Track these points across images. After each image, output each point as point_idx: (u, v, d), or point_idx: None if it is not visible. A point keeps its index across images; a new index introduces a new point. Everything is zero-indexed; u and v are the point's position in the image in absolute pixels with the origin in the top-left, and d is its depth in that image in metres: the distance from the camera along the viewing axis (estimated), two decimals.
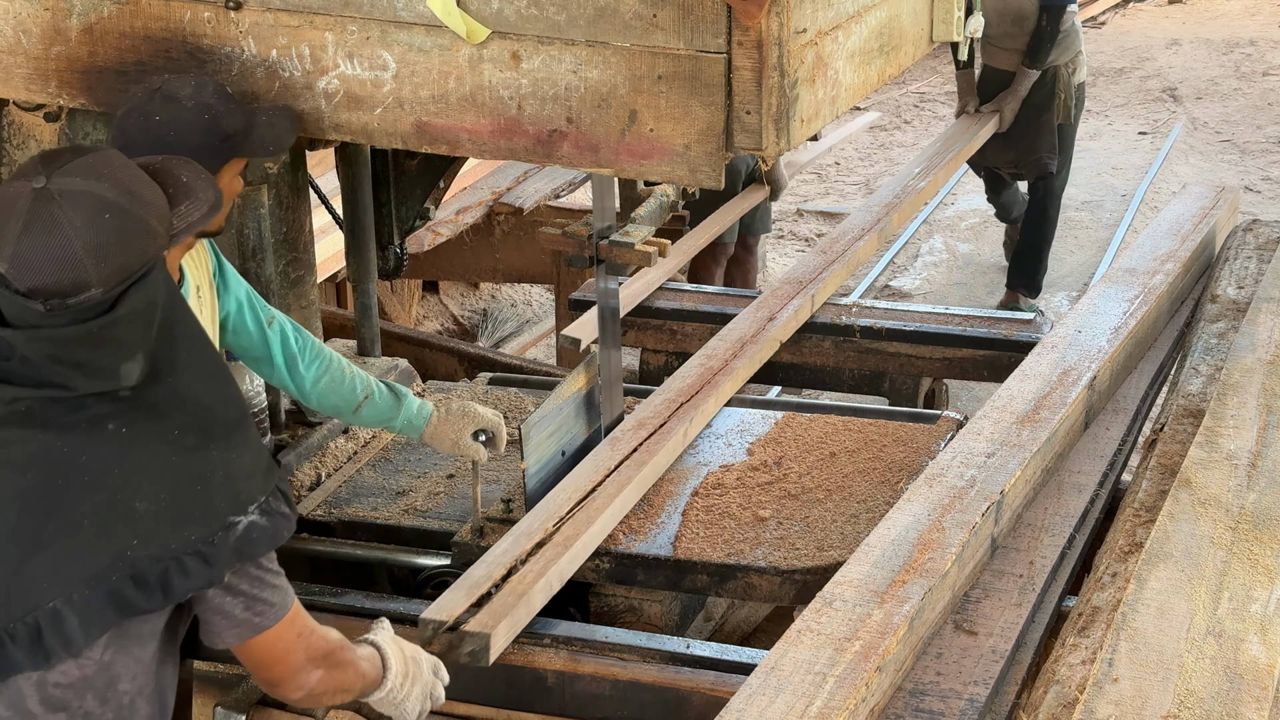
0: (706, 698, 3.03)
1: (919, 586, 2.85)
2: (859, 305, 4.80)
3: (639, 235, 3.65)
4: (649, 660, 3.14)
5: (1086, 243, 8.63)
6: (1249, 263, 4.35)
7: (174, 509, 2.21)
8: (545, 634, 3.22)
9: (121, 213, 2.20)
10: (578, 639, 3.21)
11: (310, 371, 3.39)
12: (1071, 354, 3.79)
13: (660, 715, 3.10)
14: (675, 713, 3.08)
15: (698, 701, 3.04)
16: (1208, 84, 11.62)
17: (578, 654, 3.17)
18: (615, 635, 3.24)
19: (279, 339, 3.36)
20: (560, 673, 3.14)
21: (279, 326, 3.37)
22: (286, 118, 3.14)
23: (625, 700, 3.11)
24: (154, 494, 2.20)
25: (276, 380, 3.42)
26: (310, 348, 3.41)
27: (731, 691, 2.64)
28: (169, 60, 3.24)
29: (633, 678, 3.11)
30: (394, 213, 4.20)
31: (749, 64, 2.79)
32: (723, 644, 3.22)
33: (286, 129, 3.13)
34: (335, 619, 3.28)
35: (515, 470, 3.75)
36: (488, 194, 6.40)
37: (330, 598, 3.38)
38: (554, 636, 3.21)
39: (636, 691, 3.10)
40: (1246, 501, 3.13)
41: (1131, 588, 2.84)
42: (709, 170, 2.89)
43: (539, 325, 7.83)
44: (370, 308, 4.31)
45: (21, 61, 3.35)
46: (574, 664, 3.15)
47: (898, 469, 3.76)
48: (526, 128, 3.01)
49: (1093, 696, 2.55)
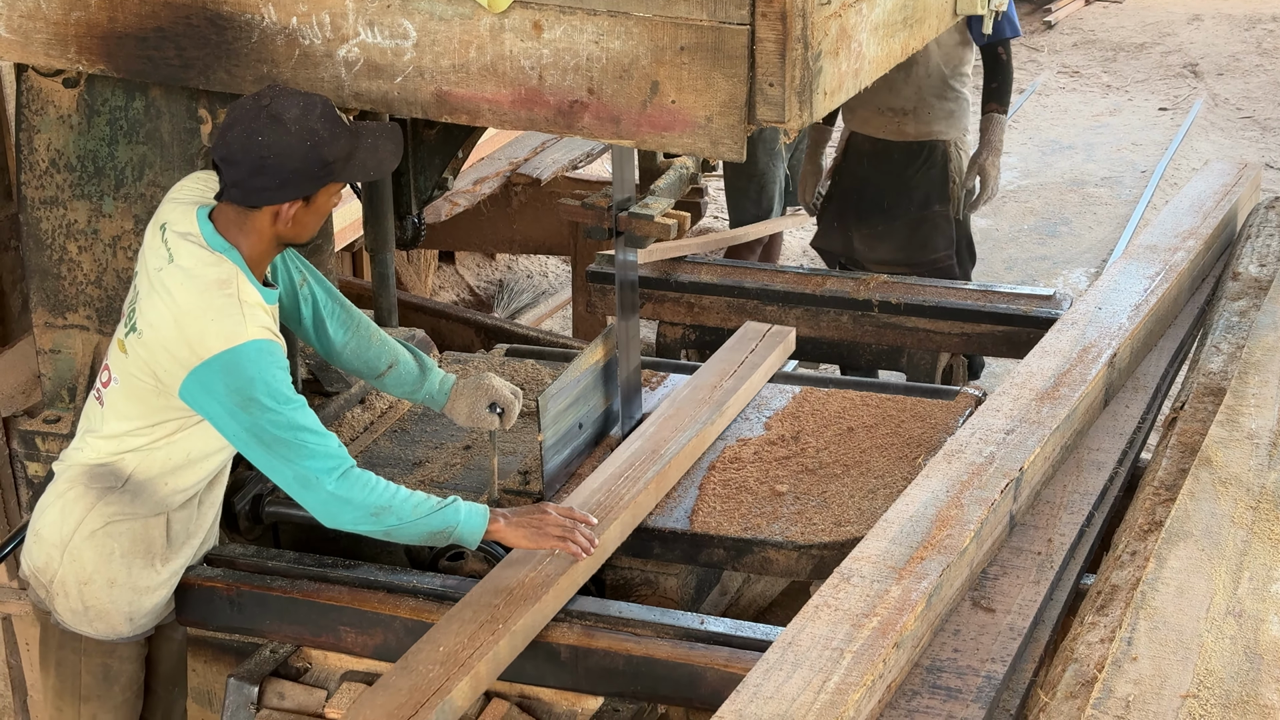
0: (720, 674, 3.02)
1: (937, 563, 2.84)
2: (877, 279, 4.78)
3: (658, 207, 3.64)
4: (663, 636, 3.14)
5: (1106, 219, 8.60)
6: (1271, 240, 4.32)
7: None
8: (559, 608, 3.21)
9: None
10: (591, 613, 3.20)
11: (337, 335, 3.43)
12: (1092, 331, 3.77)
13: (674, 691, 3.10)
14: (689, 688, 3.08)
15: (711, 677, 3.04)
16: (1229, 60, 11.56)
17: (591, 629, 3.17)
18: (629, 610, 3.23)
19: (310, 301, 3.38)
20: (574, 647, 3.14)
21: (310, 289, 3.39)
22: (392, 140, 3.13)
23: (639, 676, 3.11)
24: None
25: (303, 337, 3.47)
26: (339, 312, 3.45)
27: (746, 668, 2.63)
28: (189, 27, 3.22)
29: (646, 653, 3.10)
30: (412, 182, 4.19)
31: (772, 36, 2.77)
32: (737, 620, 3.22)
33: (390, 153, 3.12)
34: (350, 591, 3.29)
35: (533, 442, 3.74)
36: (505, 164, 6.37)
37: (344, 570, 3.38)
38: (567, 611, 3.21)
39: (650, 667, 3.09)
40: (1268, 481, 3.12)
41: (1151, 566, 2.83)
42: (731, 142, 2.87)
43: (555, 297, 7.81)
44: (387, 277, 4.30)
45: (41, 27, 3.33)
46: (588, 639, 3.15)
47: (916, 445, 3.74)
48: (547, 98, 2.99)
49: (1111, 675, 2.54)
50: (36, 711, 4.23)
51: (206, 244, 3.07)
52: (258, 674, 3.29)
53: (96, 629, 3.29)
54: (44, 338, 3.69)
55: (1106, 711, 2.46)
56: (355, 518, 3.05)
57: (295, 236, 3.12)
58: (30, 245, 3.65)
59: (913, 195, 5.34)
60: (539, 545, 3.17)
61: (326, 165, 3.01)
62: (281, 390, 3.01)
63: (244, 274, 3.07)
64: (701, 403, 3.84)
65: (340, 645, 3.33)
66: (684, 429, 3.72)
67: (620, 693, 3.16)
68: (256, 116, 2.99)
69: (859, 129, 5.38)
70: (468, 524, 3.13)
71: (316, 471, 3.01)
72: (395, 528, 3.08)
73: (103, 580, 3.25)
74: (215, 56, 3.23)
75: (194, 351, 3.00)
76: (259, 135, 2.97)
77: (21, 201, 3.64)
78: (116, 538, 3.23)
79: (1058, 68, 11.61)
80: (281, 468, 3.02)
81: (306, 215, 3.09)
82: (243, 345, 2.98)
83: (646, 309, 4.88)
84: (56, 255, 3.63)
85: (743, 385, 3.94)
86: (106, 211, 3.56)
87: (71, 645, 3.32)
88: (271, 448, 3.01)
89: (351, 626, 3.29)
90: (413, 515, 3.08)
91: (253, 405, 2.98)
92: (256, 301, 3.06)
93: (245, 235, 3.08)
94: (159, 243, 3.11)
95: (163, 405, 3.11)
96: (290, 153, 2.97)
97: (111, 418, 3.19)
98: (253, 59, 3.19)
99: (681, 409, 3.81)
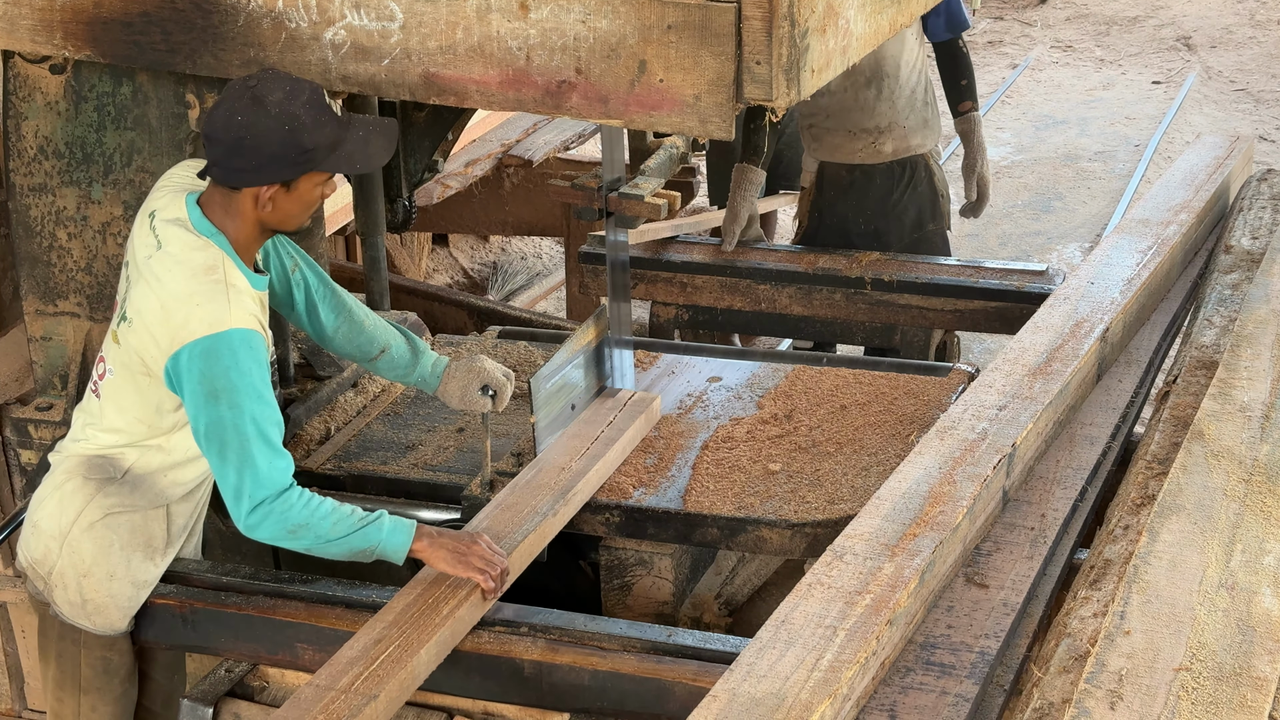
0: (689, 688, 2.94)
1: (930, 540, 2.84)
2: (869, 257, 4.77)
3: (648, 187, 3.63)
4: (629, 650, 3.05)
5: (1099, 193, 8.59)
6: (1263, 213, 4.31)
7: None
8: (522, 623, 3.12)
9: None
10: (555, 627, 3.11)
11: (329, 320, 3.43)
12: (1084, 306, 3.76)
13: (641, 706, 3.01)
14: (656, 703, 2.99)
15: (680, 692, 2.96)
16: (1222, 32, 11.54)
17: (555, 643, 3.08)
18: (594, 624, 3.12)
19: (301, 286, 3.38)
20: (538, 662, 3.05)
21: (301, 274, 3.38)
22: (384, 135, 3.09)
23: (605, 691, 3.02)
24: None
25: (295, 322, 3.46)
26: (331, 296, 3.44)
27: (714, 681, 2.53)
28: (175, 11, 3.21)
29: (612, 668, 3.02)
30: (402, 165, 4.18)
31: (759, 13, 2.76)
32: (705, 632, 3.13)
33: (381, 148, 3.09)
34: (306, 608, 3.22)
35: (525, 424, 3.74)
36: (497, 146, 6.36)
37: (301, 585, 3.27)
38: (531, 625, 3.12)
39: (616, 681, 3.01)
40: (1260, 453, 3.12)
41: (1144, 540, 2.83)
42: (719, 121, 2.86)
43: (549, 278, 7.81)
44: (379, 261, 4.29)
45: (26, 13, 3.32)
46: (552, 653, 3.06)
47: (909, 422, 3.74)
48: (535, 79, 2.98)
49: (1104, 649, 2.54)
50: (33, 699, 4.23)
51: (194, 229, 3.06)
52: (212, 695, 3.23)
53: (95, 623, 3.27)
54: (35, 325, 3.68)
55: (1100, 685, 2.46)
56: (273, 534, 3.01)
57: (279, 223, 3.10)
58: (19, 233, 3.65)
59: (903, 220, 4.95)
60: (456, 572, 3.09)
61: (306, 152, 2.99)
62: (254, 387, 2.98)
63: (231, 259, 3.05)
64: (544, 489, 3.41)
65: (298, 663, 3.23)
66: (522, 522, 3.29)
67: (586, 709, 3.07)
68: (240, 97, 2.97)
69: (830, 158, 4.91)
70: (391, 540, 3.08)
71: (251, 488, 2.98)
72: (313, 546, 3.04)
73: (102, 573, 3.23)
74: (201, 40, 3.22)
75: (176, 336, 2.98)
76: (239, 115, 2.96)
77: (10, 189, 3.63)
78: (116, 530, 3.22)
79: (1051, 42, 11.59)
80: (224, 469, 2.99)
81: (288, 202, 3.06)
82: (226, 332, 2.97)
83: (639, 289, 4.87)
84: (46, 242, 3.62)
85: (594, 466, 3.48)
86: (95, 198, 3.55)
87: (71, 638, 3.31)
88: (224, 447, 2.98)
89: (309, 644, 3.19)
90: (331, 533, 3.02)
91: (220, 399, 2.96)
92: (244, 287, 3.05)
93: (231, 219, 3.07)
94: (147, 230, 3.10)
95: (157, 397, 3.10)
96: (268, 135, 2.95)
97: (109, 410, 3.18)
98: (239, 43, 3.18)
99: (521, 496, 3.39)
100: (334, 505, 3.06)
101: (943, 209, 4.99)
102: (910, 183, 4.91)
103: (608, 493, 3.51)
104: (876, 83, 4.74)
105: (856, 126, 4.81)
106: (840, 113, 4.78)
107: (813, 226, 5.02)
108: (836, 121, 4.82)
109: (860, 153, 4.85)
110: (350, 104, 4.00)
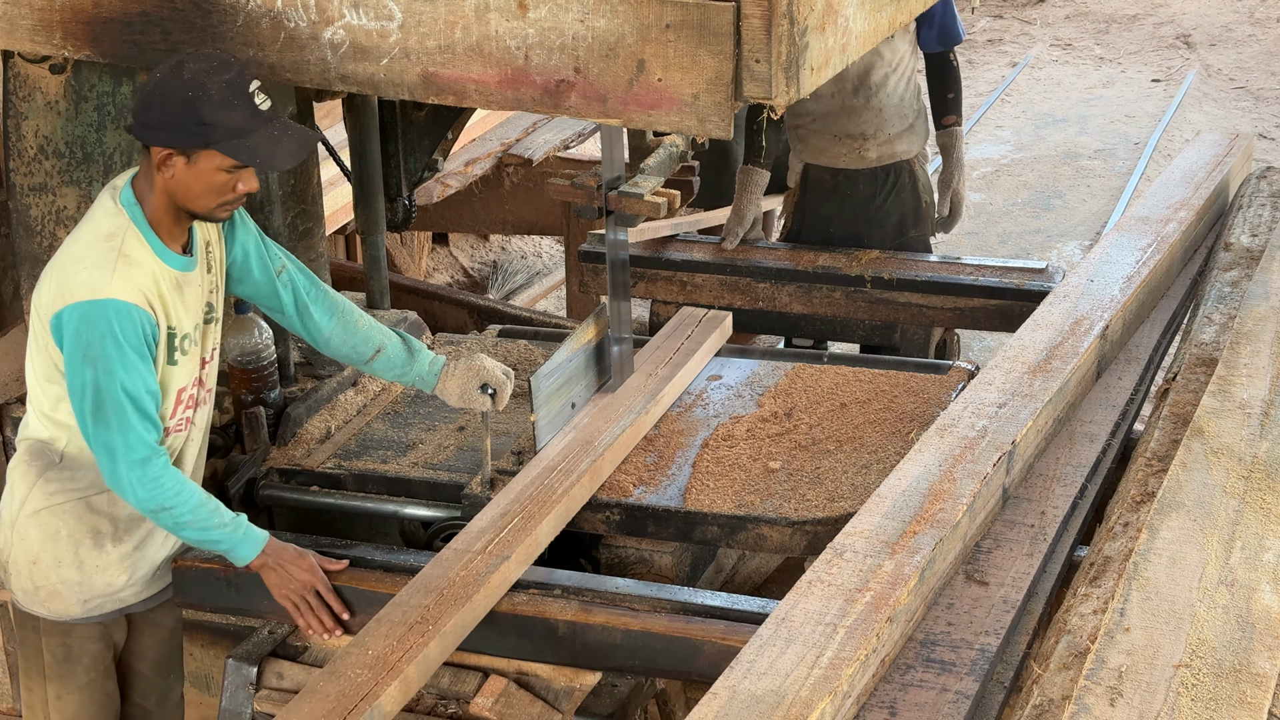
0: (718, 647, 3.03)
1: (930, 537, 2.84)
2: (869, 255, 4.77)
3: (648, 186, 3.63)
4: (659, 610, 3.14)
5: (1099, 191, 8.59)
6: (1263, 210, 4.32)
7: None
8: (556, 584, 3.23)
9: None
10: (589, 589, 3.21)
11: (322, 322, 3.42)
12: (1084, 303, 3.77)
13: (671, 664, 3.11)
14: (686, 662, 3.08)
15: (709, 650, 3.04)
16: (1221, 30, 11.54)
17: (589, 604, 3.17)
18: (626, 585, 3.24)
19: (290, 288, 3.37)
20: (571, 623, 3.14)
21: (289, 276, 3.37)
22: (298, 141, 3.09)
23: (636, 650, 3.11)
24: None
25: (288, 326, 3.45)
26: (323, 298, 3.43)
27: (742, 641, 2.64)
28: (174, 11, 3.21)
29: (644, 627, 3.11)
30: (402, 164, 4.18)
31: (758, 11, 2.76)
32: (733, 594, 3.22)
33: (290, 153, 3.08)
34: (347, 572, 3.30)
35: (525, 422, 3.75)
36: (497, 145, 6.36)
37: (340, 550, 3.38)
38: (564, 587, 3.22)
39: (648, 640, 3.10)
40: (1259, 450, 3.12)
41: (1143, 537, 2.84)
42: (718, 120, 2.86)
43: (549, 277, 7.81)
44: (379, 260, 4.29)
45: (26, 13, 3.32)
46: (585, 614, 3.15)
47: (909, 419, 3.75)
48: (534, 78, 2.98)
49: (1104, 646, 2.55)
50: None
51: (117, 198, 3.10)
52: (256, 654, 3.29)
53: (50, 609, 3.29)
54: None
55: (1100, 682, 2.47)
56: (140, 500, 3.09)
57: (184, 199, 3.07)
58: (20, 232, 3.65)
59: (885, 225, 4.92)
60: (277, 598, 3.23)
61: (202, 124, 2.98)
62: (128, 358, 3.01)
63: (138, 230, 3.07)
64: (636, 391, 3.81)
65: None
66: (618, 419, 3.68)
67: (618, 667, 3.17)
68: (171, 62, 3.03)
69: (815, 160, 4.91)
70: (239, 550, 3.20)
71: (122, 449, 3.04)
72: (172, 528, 3.15)
73: (50, 559, 3.25)
74: (201, 40, 3.22)
75: (61, 295, 3.02)
76: (159, 74, 3.02)
77: (10, 189, 3.63)
78: (62, 517, 3.23)
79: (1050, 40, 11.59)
80: (96, 430, 3.04)
81: (187, 175, 3.03)
82: (103, 301, 2.99)
83: (639, 288, 4.87)
84: (47, 242, 3.62)
85: (678, 373, 3.90)
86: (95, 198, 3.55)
87: (30, 624, 3.33)
88: (98, 409, 3.02)
89: (349, 606, 3.29)
90: (190, 523, 3.13)
91: (95, 364, 3.00)
92: (143, 260, 3.05)
93: (150, 190, 3.09)
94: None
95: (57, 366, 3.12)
96: (172, 97, 2.98)
97: (34, 388, 3.21)
98: (238, 42, 3.18)
99: (616, 398, 3.78)
100: (202, 499, 3.14)
101: (926, 215, 4.97)
102: (894, 188, 4.89)
103: (608, 491, 3.52)
104: (864, 90, 4.73)
105: (842, 132, 4.81)
106: (826, 117, 4.79)
107: (796, 227, 5.03)
108: (823, 125, 4.82)
109: (844, 157, 4.85)
110: (349, 101, 4.01)
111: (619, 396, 3.78)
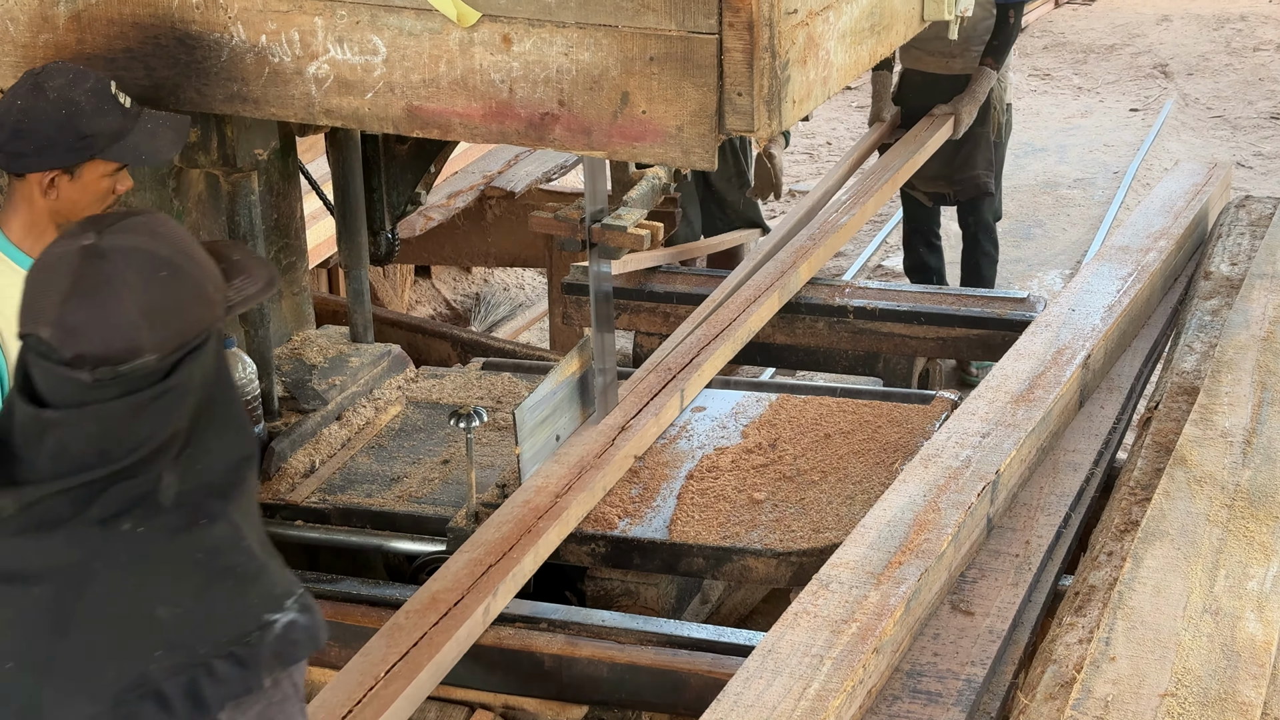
0: (704, 679, 3.03)
1: (915, 567, 2.84)
2: (852, 286, 4.79)
3: (631, 218, 3.64)
4: (646, 643, 3.15)
5: (1079, 220, 8.63)
6: (1242, 239, 4.34)
7: (202, 609, 1.94)
8: (542, 618, 3.22)
9: (178, 272, 1.96)
10: (575, 622, 3.21)
11: None
12: (1065, 333, 3.78)
13: (658, 697, 3.11)
14: (673, 695, 3.09)
15: (695, 683, 3.05)
16: (1199, 60, 11.61)
17: (575, 637, 3.18)
18: (612, 618, 3.24)
19: None
20: (558, 656, 3.15)
21: None
22: (173, 129, 3.09)
23: (623, 683, 3.11)
24: (178, 595, 1.94)
25: None
26: None
27: (729, 673, 2.64)
28: (158, 47, 3.22)
29: (630, 660, 3.11)
30: (385, 198, 4.18)
31: (740, 45, 2.78)
32: (719, 626, 3.23)
33: (169, 142, 3.08)
34: (331, 606, 3.29)
35: (510, 455, 3.74)
36: (479, 178, 6.37)
37: (326, 584, 3.37)
38: (551, 620, 3.21)
39: (634, 674, 3.11)
40: (1242, 478, 3.13)
41: (1128, 566, 2.84)
42: (702, 152, 2.87)
43: (532, 309, 7.81)
44: (362, 293, 4.29)
45: (9, 50, 3.33)
46: (571, 647, 3.16)
47: (893, 450, 3.75)
48: (518, 111, 2.99)
49: (1090, 675, 2.55)
50: None
51: None
52: None
53: None
54: None
55: (1086, 712, 2.47)
56: None
57: (70, 215, 3.03)
58: None
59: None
60: None
61: (85, 138, 2.96)
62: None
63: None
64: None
65: (324, 660, 3.28)
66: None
67: (604, 700, 3.17)
68: (23, 84, 2.99)
69: (911, 65, 6.23)
70: None
71: None
72: None
73: None
74: (185, 76, 3.22)
75: None
76: (18, 100, 2.98)
77: None
78: None
79: (1029, 70, 11.65)
80: None
81: (73, 190, 3.01)
82: None
83: (622, 320, 4.88)
84: None
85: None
86: None
87: None
88: None
89: (335, 641, 3.26)
90: None
91: None
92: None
93: (15, 210, 3.04)
94: None
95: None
96: (45, 120, 2.95)
97: None
98: (222, 78, 3.19)
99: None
100: None
101: (993, 118, 6.15)
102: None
103: (593, 523, 3.51)
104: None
105: (933, 49, 6.06)
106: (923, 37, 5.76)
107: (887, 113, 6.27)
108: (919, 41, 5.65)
109: (934, 65, 6.12)
110: (332, 135, 4.02)
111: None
